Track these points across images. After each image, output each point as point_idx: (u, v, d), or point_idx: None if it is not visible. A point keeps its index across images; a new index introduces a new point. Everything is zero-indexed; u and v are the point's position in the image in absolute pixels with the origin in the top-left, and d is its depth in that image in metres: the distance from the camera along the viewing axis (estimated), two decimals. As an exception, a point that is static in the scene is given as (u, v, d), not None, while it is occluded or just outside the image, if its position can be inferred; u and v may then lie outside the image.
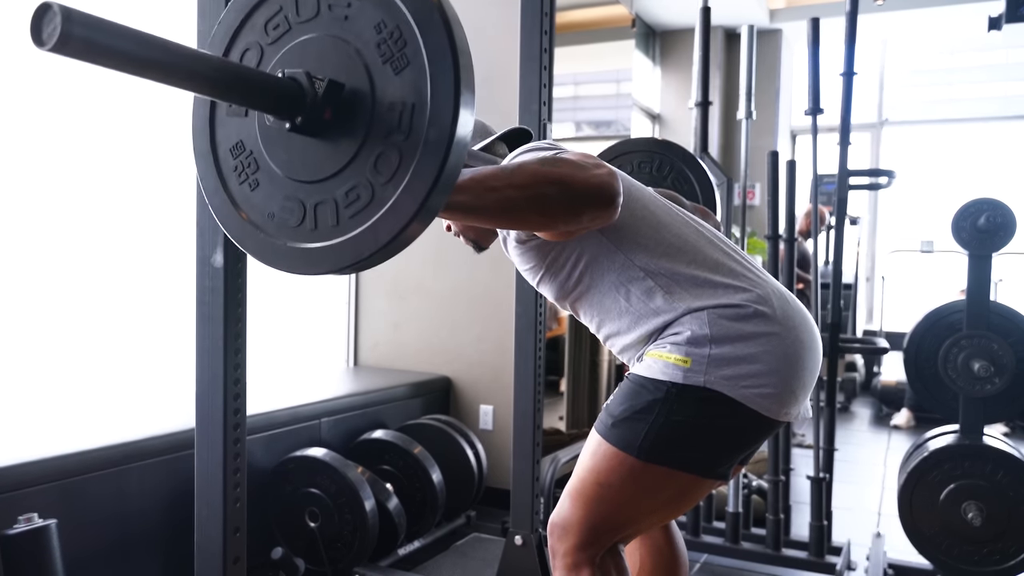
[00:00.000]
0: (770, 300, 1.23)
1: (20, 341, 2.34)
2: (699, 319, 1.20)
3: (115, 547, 1.98)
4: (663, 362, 1.21)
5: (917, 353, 2.51)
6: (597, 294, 1.30)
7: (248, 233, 1.05)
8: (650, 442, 1.19)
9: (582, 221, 1.13)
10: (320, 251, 0.98)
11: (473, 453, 2.92)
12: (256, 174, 1.05)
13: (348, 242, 0.95)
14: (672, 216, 1.32)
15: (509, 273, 2.48)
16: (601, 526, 1.25)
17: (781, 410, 1.20)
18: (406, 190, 0.91)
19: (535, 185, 1.05)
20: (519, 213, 1.07)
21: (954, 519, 2.27)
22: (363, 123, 0.94)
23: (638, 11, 5.49)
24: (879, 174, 3.22)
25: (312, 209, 0.99)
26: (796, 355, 1.22)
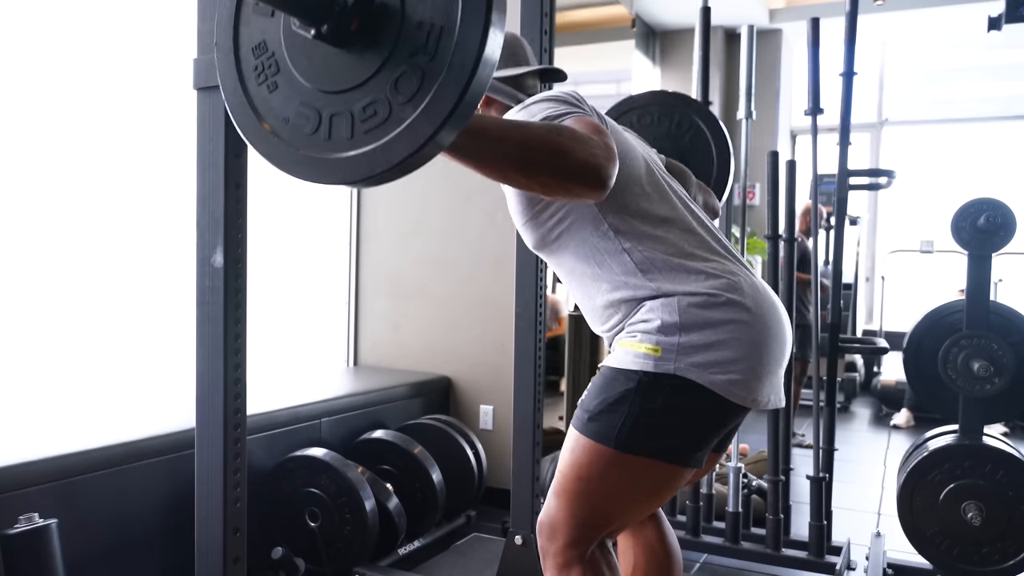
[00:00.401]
0: (740, 288, 1.25)
1: (20, 341, 2.34)
2: (669, 307, 1.22)
3: (115, 547, 1.99)
4: (634, 351, 1.23)
5: (917, 353, 2.51)
6: (574, 254, 1.32)
7: (262, 136, 1.04)
8: (627, 433, 1.21)
9: (568, 194, 1.13)
10: (331, 162, 0.97)
11: (473, 453, 2.92)
12: (276, 76, 1.04)
13: (360, 157, 0.94)
14: (665, 196, 1.33)
15: (509, 274, 2.48)
16: (587, 521, 1.26)
17: (749, 396, 1.23)
18: (424, 113, 0.90)
19: (531, 149, 1.05)
20: (508, 170, 1.07)
21: (954, 519, 2.27)
22: (389, 39, 0.93)
23: (638, 11, 5.49)
24: (879, 174, 3.22)
25: (328, 119, 0.98)
26: (763, 342, 1.24)
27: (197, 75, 1.43)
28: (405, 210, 3.49)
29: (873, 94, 6.91)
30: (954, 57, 7.17)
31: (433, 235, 3.43)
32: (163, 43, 2.65)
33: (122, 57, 2.57)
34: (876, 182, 3.27)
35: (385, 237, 3.53)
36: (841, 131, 2.62)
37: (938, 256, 5.30)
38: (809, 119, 2.65)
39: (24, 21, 2.30)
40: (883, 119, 6.93)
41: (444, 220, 3.40)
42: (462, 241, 3.35)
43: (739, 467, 2.64)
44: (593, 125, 1.17)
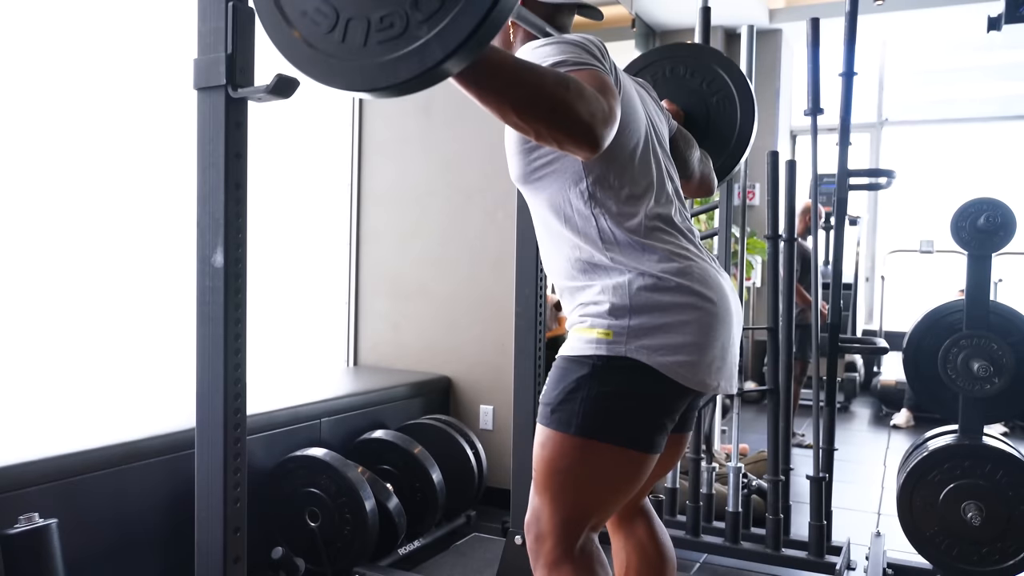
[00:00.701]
0: (691, 273, 1.27)
1: (20, 341, 2.34)
2: (619, 290, 1.24)
3: (115, 547, 1.99)
4: (586, 337, 1.25)
5: (917, 353, 2.51)
6: (548, 201, 1.33)
7: (279, 26, 1.03)
8: (588, 418, 1.23)
9: (558, 147, 1.12)
10: (340, 66, 0.96)
11: (473, 453, 2.92)
12: None
13: (369, 67, 0.93)
14: (646, 172, 1.33)
15: (509, 274, 2.48)
16: (570, 515, 1.28)
17: (696, 379, 1.24)
18: (438, 36, 0.88)
19: (534, 95, 1.03)
20: (505, 109, 1.05)
21: (954, 519, 2.27)
22: None
23: (638, 11, 5.49)
24: (879, 174, 3.21)
25: (345, 22, 0.96)
26: (711, 327, 1.26)
27: (197, 75, 1.43)
28: (405, 210, 3.49)
29: (873, 94, 6.91)
30: (954, 57, 7.17)
31: (433, 235, 3.43)
32: (163, 43, 2.65)
33: (122, 57, 2.57)
34: (876, 182, 3.27)
35: (385, 237, 3.53)
36: (841, 131, 2.62)
37: (938, 256, 5.31)
38: (809, 119, 2.65)
39: (25, 22, 2.30)
40: (883, 119, 6.93)
41: (444, 220, 3.40)
42: (462, 241, 3.35)
43: (739, 467, 2.64)
44: (603, 83, 1.15)
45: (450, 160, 3.35)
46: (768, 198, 2.69)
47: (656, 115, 1.47)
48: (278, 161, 3.18)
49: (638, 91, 1.42)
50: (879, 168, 4.91)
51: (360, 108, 3.57)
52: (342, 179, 3.58)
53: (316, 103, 3.45)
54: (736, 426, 2.74)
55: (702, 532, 2.73)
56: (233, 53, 1.39)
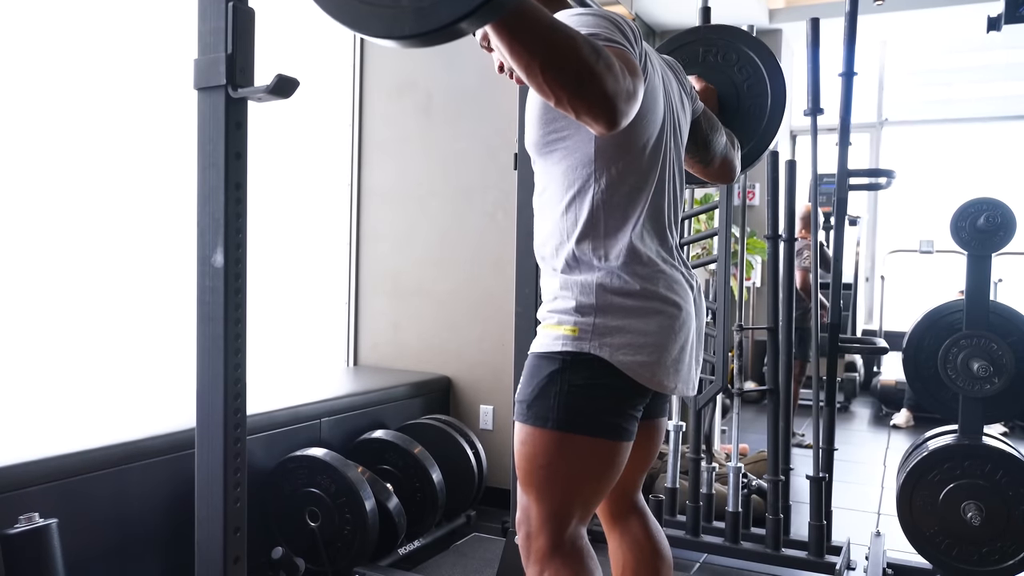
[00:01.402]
0: (659, 279, 1.30)
1: (21, 341, 2.34)
2: (587, 288, 1.28)
3: (115, 546, 1.99)
4: (554, 334, 1.29)
5: (916, 353, 2.51)
6: (554, 173, 1.33)
7: None
8: (563, 412, 1.26)
9: (574, 115, 1.09)
10: (370, 10, 0.92)
11: (473, 453, 2.92)
12: None
13: (404, 11, 0.89)
14: (653, 168, 1.34)
15: (509, 273, 2.49)
16: (557, 511, 1.30)
17: (654, 379, 1.28)
18: None
19: (563, 58, 1.01)
20: (533, 65, 1.02)
21: (953, 519, 2.27)
22: None
23: (638, 11, 5.49)
24: (879, 174, 3.22)
25: None
26: (671, 331, 1.30)
27: (197, 75, 1.43)
28: (405, 210, 3.49)
29: (873, 94, 6.91)
30: (954, 57, 7.17)
31: (433, 235, 3.43)
32: (164, 43, 2.65)
33: (122, 58, 2.57)
34: (876, 182, 3.27)
35: (385, 237, 3.53)
36: (841, 131, 2.62)
37: (938, 256, 5.31)
38: (809, 119, 2.65)
39: (25, 22, 2.30)
40: (883, 119, 6.93)
41: (444, 220, 3.40)
42: (462, 241, 3.35)
43: (739, 467, 2.64)
44: (632, 64, 1.13)
45: (450, 160, 3.35)
46: (768, 198, 2.69)
47: (679, 103, 1.45)
48: (278, 161, 3.18)
49: (664, 77, 1.40)
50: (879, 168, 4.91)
51: (360, 108, 3.57)
52: (342, 179, 3.58)
53: (316, 103, 3.45)
54: (736, 426, 2.74)
55: (702, 532, 2.73)
56: (233, 53, 1.39)
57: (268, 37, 1.62)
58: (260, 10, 1.41)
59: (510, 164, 2.41)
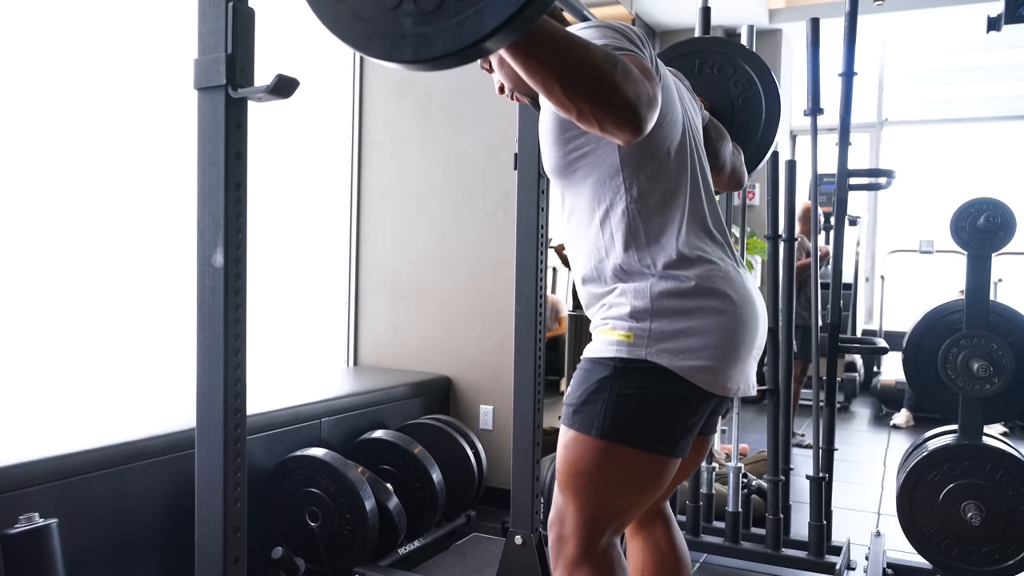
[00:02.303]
0: (714, 276, 1.25)
1: (21, 341, 2.34)
2: (640, 292, 1.24)
3: (115, 546, 1.99)
4: (608, 339, 1.24)
5: (916, 353, 2.51)
6: (582, 193, 1.31)
7: None
8: (609, 421, 1.22)
9: (598, 128, 1.08)
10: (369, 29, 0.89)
11: (473, 453, 2.92)
12: None
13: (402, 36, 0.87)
14: (683, 168, 1.31)
15: (509, 273, 2.49)
16: (594, 515, 1.27)
17: (717, 383, 1.23)
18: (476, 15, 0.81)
19: (582, 70, 1.00)
20: (551, 82, 1.01)
21: (953, 519, 2.27)
22: None
23: (638, 11, 5.49)
24: (879, 174, 3.22)
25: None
26: (734, 331, 1.25)
27: (197, 75, 1.43)
28: (405, 210, 3.49)
29: (873, 94, 6.91)
30: (954, 57, 7.17)
31: (433, 235, 3.43)
32: (164, 44, 2.65)
33: (122, 58, 2.57)
34: (876, 182, 3.27)
35: (385, 237, 3.54)
36: (841, 131, 2.62)
37: (938, 256, 5.31)
38: (809, 119, 2.65)
39: (25, 22, 2.30)
40: (883, 119, 6.93)
41: (444, 220, 3.40)
42: (462, 241, 3.35)
43: (739, 467, 2.64)
44: (647, 69, 1.12)
45: (450, 160, 3.35)
46: (768, 198, 2.69)
47: (691, 107, 1.44)
48: (279, 161, 3.18)
49: (675, 83, 1.40)
50: (879, 168, 4.91)
51: (360, 108, 3.57)
52: (342, 179, 3.58)
53: (316, 103, 3.45)
54: (736, 426, 2.74)
55: (702, 532, 2.73)
56: (233, 53, 1.39)
57: (268, 37, 1.62)
58: (260, 10, 1.41)
59: (510, 164, 2.41)
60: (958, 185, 6.75)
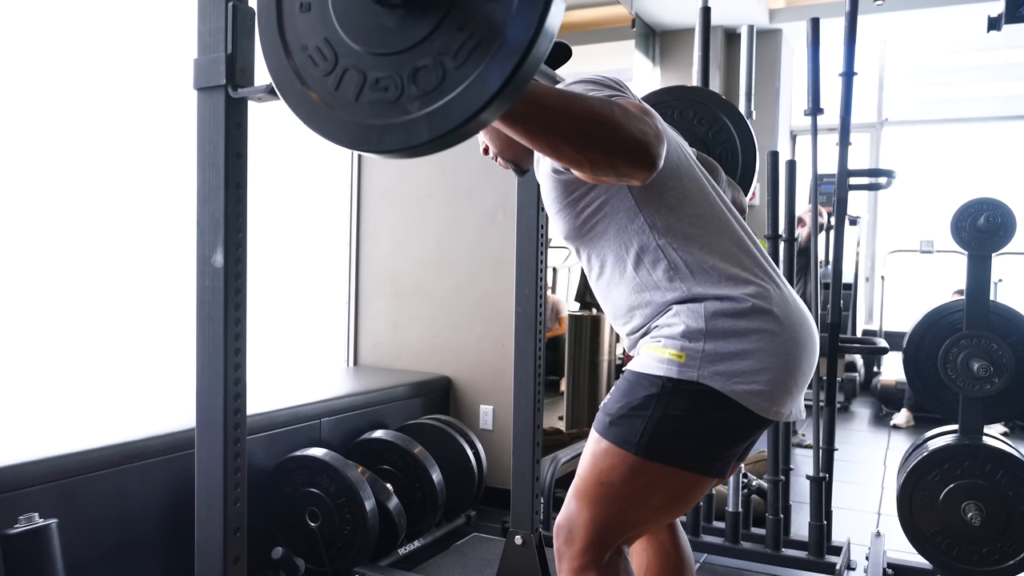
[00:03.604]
0: (770, 296, 1.22)
1: (21, 341, 2.34)
2: (695, 312, 1.20)
3: (115, 547, 1.99)
4: (658, 356, 1.21)
5: (917, 353, 2.51)
6: (607, 247, 1.29)
7: (277, 51, 0.99)
8: (647, 438, 1.18)
9: (614, 172, 1.08)
10: (327, 114, 0.93)
11: (473, 453, 2.92)
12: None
13: (355, 125, 0.90)
14: (703, 193, 1.29)
15: (509, 273, 2.48)
16: (606, 526, 1.24)
17: (772, 408, 1.20)
18: (428, 117, 0.84)
19: (586, 121, 1.00)
20: (559, 142, 1.01)
21: (953, 519, 2.27)
22: (430, 23, 0.86)
23: (638, 11, 5.49)
24: (879, 174, 3.22)
25: (342, 70, 0.92)
26: (790, 354, 1.21)
27: (197, 75, 1.43)
28: (405, 210, 3.49)
29: (873, 94, 6.91)
30: (954, 57, 7.17)
31: (433, 235, 3.43)
32: (164, 43, 2.65)
33: (122, 58, 2.57)
34: (876, 182, 3.27)
35: (385, 237, 3.53)
36: (841, 131, 2.62)
37: (938, 256, 5.31)
38: (809, 119, 2.65)
39: (25, 21, 2.30)
40: (883, 119, 6.93)
41: (444, 220, 3.40)
42: (462, 241, 3.35)
43: (739, 467, 2.64)
44: (641, 106, 1.13)
45: (450, 160, 3.35)
46: (768, 198, 2.69)
47: (682, 142, 1.43)
48: (279, 161, 3.18)
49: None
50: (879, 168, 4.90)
51: (360, 108, 3.56)
52: (342, 179, 3.57)
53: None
54: (736, 426, 2.73)
55: (702, 532, 2.73)
56: (233, 53, 1.39)
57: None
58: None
59: (510, 164, 2.41)
60: (958, 185, 6.75)
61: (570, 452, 3.04)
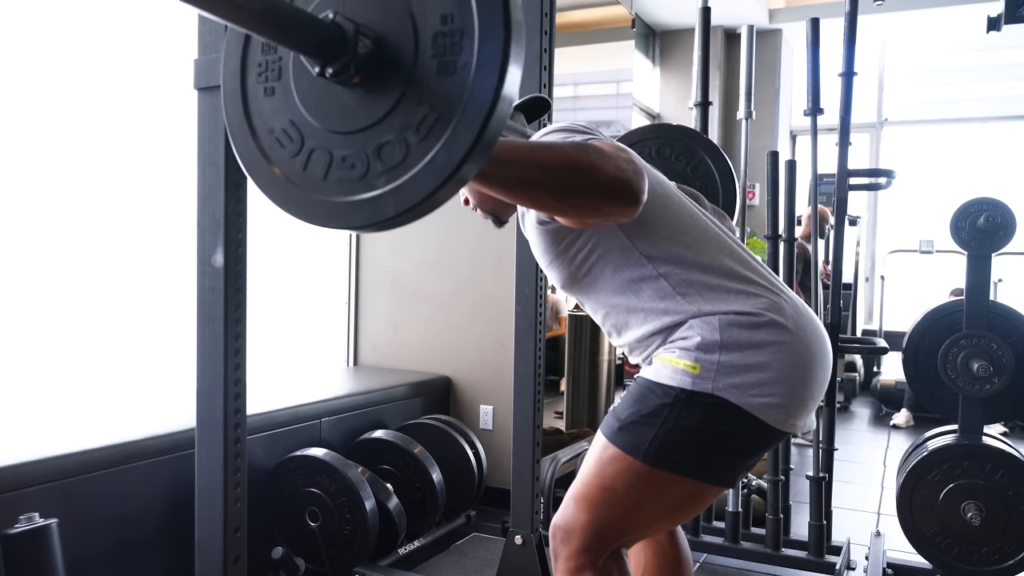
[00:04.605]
0: (783, 309, 1.22)
1: (20, 341, 2.34)
2: (710, 324, 1.19)
3: (115, 547, 1.99)
4: (672, 367, 1.20)
5: (916, 353, 2.51)
6: (607, 287, 1.29)
7: (245, 137, 1.01)
8: (657, 447, 1.18)
9: (599, 214, 1.09)
10: (297, 193, 0.95)
11: (473, 453, 2.92)
12: (276, 82, 0.99)
13: (325, 204, 0.92)
14: (694, 219, 1.30)
15: (509, 274, 2.48)
16: (605, 530, 1.24)
17: (788, 420, 1.20)
18: (394, 192, 0.86)
19: (560, 169, 1.01)
20: (537, 193, 1.03)
21: (953, 519, 2.27)
22: (391, 97, 0.88)
23: (638, 11, 5.49)
24: (879, 174, 3.22)
25: (308, 151, 0.95)
26: (806, 366, 1.21)
27: (198, 75, 1.44)
28: (405, 210, 3.48)
29: (873, 94, 6.91)
30: (954, 57, 7.17)
31: (433, 235, 3.43)
32: (164, 43, 2.65)
33: (123, 58, 2.57)
34: (876, 182, 3.27)
35: (385, 237, 3.53)
36: (841, 131, 2.62)
37: (938, 256, 5.31)
38: (809, 119, 2.65)
39: (25, 22, 2.30)
40: (883, 119, 6.93)
41: (444, 220, 3.39)
42: (462, 241, 3.35)
43: (739, 467, 2.64)
44: (614, 144, 1.14)
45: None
46: (768, 198, 2.69)
47: (664, 177, 1.43)
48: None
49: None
50: (879, 168, 4.91)
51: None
52: (342, 179, 3.57)
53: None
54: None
55: (702, 532, 2.73)
56: (233, 53, 1.39)
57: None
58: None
59: (510, 164, 2.41)
60: (958, 185, 6.75)
61: (570, 452, 3.04)
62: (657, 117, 6.04)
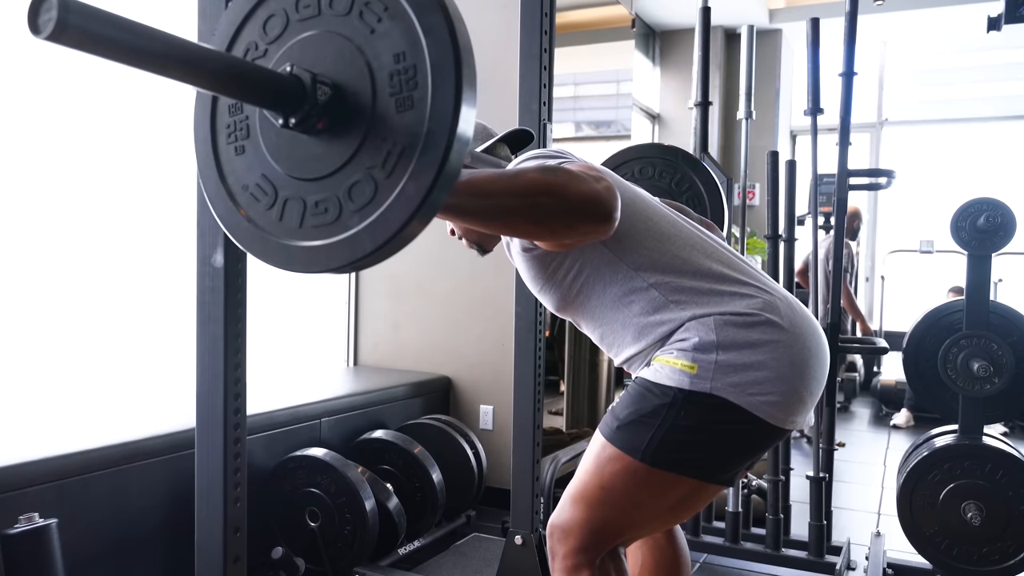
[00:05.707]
0: (777, 307, 1.23)
1: (20, 341, 2.34)
2: (706, 325, 1.20)
3: (115, 546, 1.99)
4: (670, 367, 1.20)
5: (917, 353, 2.51)
6: (600, 305, 1.30)
7: (223, 199, 1.05)
8: (655, 446, 1.18)
9: (576, 233, 1.11)
10: (276, 244, 0.98)
11: (473, 453, 2.92)
12: (245, 140, 1.03)
13: (304, 250, 0.95)
14: (677, 227, 1.31)
15: (509, 274, 2.48)
16: (603, 529, 1.24)
17: (787, 418, 1.20)
18: (369, 228, 0.89)
19: (531, 194, 1.03)
20: (513, 220, 1.05)
21: (953, 519, 2.27)
22: (354, 142, 0.92)
23: (638, 11, 5.49)
24: (879, 174, 3.22)
25: (283, 201, 0.98)
26: (803, 363, 1.21)
27: (197, 75, 1.43)
28: (405, 210, 3.48)
29: (873, 94, 6.91)
30: (954, 57, 7.17)
31: (433, 234, 3.40)
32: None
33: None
34: (876, 182, 3.27)
35: (385, 237, 3.53)
36: (841, 131, 2.62)
37: (938, 256, 5.31)
38: (809, 119, 2.65)
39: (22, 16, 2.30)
40: (883, 119, 6.93)
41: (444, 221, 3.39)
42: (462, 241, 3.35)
43: (739, 467, 2.64)
44: (587, 165, 1.15)
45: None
46: (768, 198, 2.69)
47: (646, 193, 1.44)
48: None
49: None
50: (879, 168, 4.91)
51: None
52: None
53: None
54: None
55: (702, 532, 2.73)
56: (233, 53, 1.39)
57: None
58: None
59: (510, 164, 2.41)
60: (958, 185, 6.75)
61: (570, 452, 3.03)
62: (657, 117, 6.04)
